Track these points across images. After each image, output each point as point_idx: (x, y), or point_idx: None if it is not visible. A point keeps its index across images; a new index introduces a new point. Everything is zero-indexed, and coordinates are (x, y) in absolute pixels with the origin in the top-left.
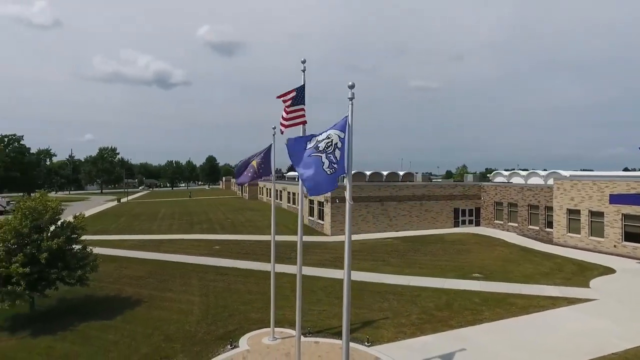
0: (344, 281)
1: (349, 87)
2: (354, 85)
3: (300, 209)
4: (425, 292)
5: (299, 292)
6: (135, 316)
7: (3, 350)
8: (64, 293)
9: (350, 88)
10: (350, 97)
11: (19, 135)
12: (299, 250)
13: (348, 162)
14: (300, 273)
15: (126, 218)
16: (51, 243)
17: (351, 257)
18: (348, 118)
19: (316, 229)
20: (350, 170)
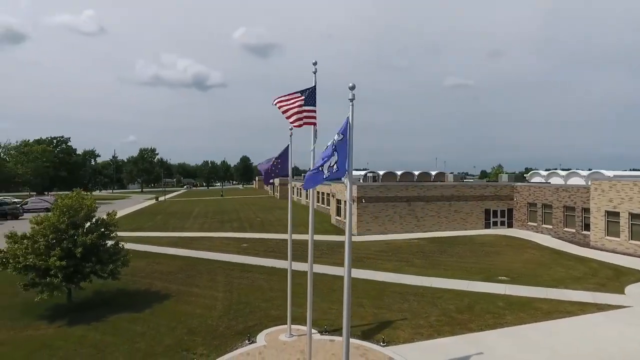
0: (344, 279)
1: (350, 89)
2: (354, 87)
3: (312, 207)
4: (447, 294)
5: (310, 289)
6: (162, 309)
7: (42, 338)
8: (99, 286)
9: (351, 89)
10: (351, 98)
11: (67, 137)
12: (310, 247)
13: (349, 162)
14: (311, 270)
15: (162, 216)
16: (85, 238)
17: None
18: (349, 119)
19: (343, 228)
20: (351, 171)
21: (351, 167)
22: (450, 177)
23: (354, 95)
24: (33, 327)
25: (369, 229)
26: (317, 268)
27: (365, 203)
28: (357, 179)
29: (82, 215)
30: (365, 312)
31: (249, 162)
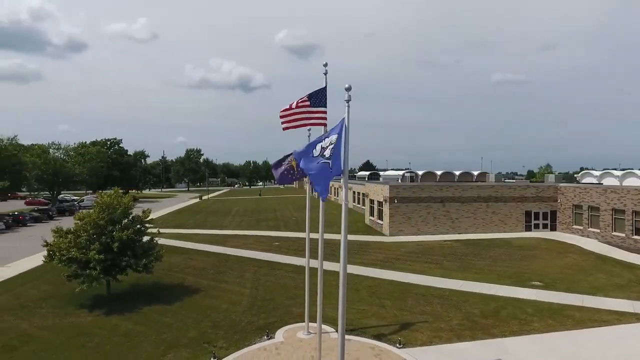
0: (339, 275)
1: (346, 90)
2: (350, 88)
3: (322, 208)
4: (473, 298)
5: (320, 287)
6: (191, 303)
7: (80, 326)
8: (136, 279)
9: (347, 90)
10: (347, 99)
11: (119, 139)
12: (320, 245)
13: (344, 163)
14: (321, 268)
15: (203, 214)
16: (121, 234)
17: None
18: (345, 120)
19: (376, 228)
20: (346, 171)
21: (347, 167)
22: (492, 177)
23: (350, 97)
24: (75, 315)
25: (401, 229)
26: None
27: (398, 203)
28: (396, 178)
29: (119, 212)
30: (386, 313)
31: None
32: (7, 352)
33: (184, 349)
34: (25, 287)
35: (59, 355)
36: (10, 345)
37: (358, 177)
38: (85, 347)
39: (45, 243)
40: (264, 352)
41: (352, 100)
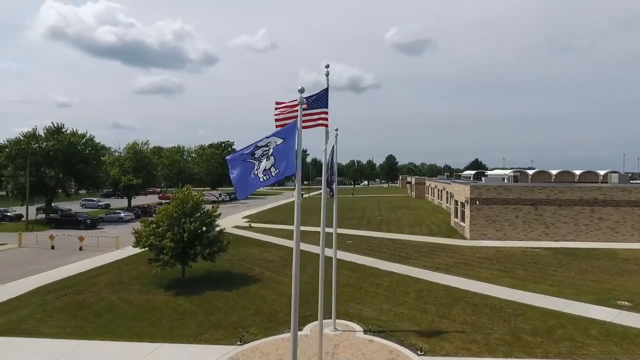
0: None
1: (299, 92)
2: (303, 90)
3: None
4: (531, 312)
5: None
6: (247, 291)
7: (152, 302)
8: (211, 267)
9: (300, 92)
10: (300, 100)
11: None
12: (321, 245)
13: (296, 165)
14: (322, 266)
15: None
16: (190, 226)
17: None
18: (297, 123)
19: (459, 231)
20: (299, 172)
21: (299, 170)
22: (615, 178)
23: (303, 99)
24: (152, 293)
25: (483, 233)
26: (404, 269)
27: (480, 205)
28: (500, 178)
29: (189, 207)
30: (424, 318)
31: (395, 161)
32: (93, 317)
33: (220, 331)
34: (128, 267)
35: (127, 323)
36: (98, 312)
37: (463, 177)
38: (147, 319)
39: (134, 231)
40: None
41: (468, 95)
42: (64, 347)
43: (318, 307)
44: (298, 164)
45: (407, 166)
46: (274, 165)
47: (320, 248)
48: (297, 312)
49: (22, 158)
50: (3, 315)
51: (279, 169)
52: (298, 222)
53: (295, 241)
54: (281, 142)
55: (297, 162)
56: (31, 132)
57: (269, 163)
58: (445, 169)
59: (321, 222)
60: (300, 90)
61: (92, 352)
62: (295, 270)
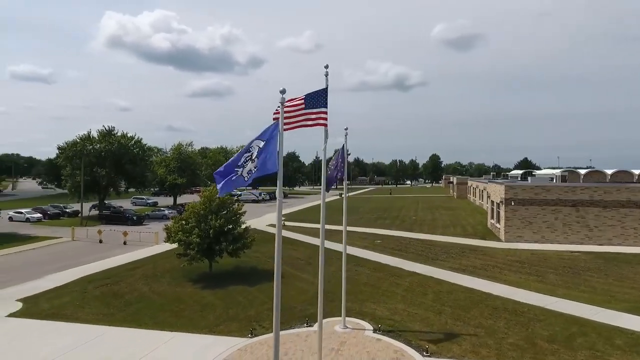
0: (274, 279)
1: (280, 92)
2: (284, 91)
3: (323, 206)
4: (553, 318)
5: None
6: (267, 287)
7: (179, 294)
8: (238, 263)
9: (282, 93)
10: (281, 101)
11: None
12: (320, 246)
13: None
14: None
15: (333, 210)
16: (216, 223)
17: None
18: (278, 124)
19: (494, 233)
20: (281, 171)
21: (280, 169)
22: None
23: (283, 99)
24: (181, 285)
25: (519, 235)
26: (429, 270)
27: (515, 206)
28: (548, 178)
29: (215, 204)
30: (438, 320)
31: (439, 161)
32: (124, 306)
33: (235, 323)
34: (163, 261)
35: (152, 313)
36: (129, 301)
37: (510, 177)
38: (171, 310)
39: (165, 227)
40: (295, 337)
41: (520, 91)
42: (92, 332)
43: (318, 307)
44: (280, 163)
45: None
46: (255, 165)
47: (320, 248)
48: (278, 311)
49: (78, 159)
50: (49, 301)
51: (258, 167)
52: (280, 218)
53: (277, 240)
54: (263, 143)
55: (279, 162)
56: (86, 134)
57: (252, 164)
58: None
59: (321, 220)
60: (281, 91)
61: (114, 337)
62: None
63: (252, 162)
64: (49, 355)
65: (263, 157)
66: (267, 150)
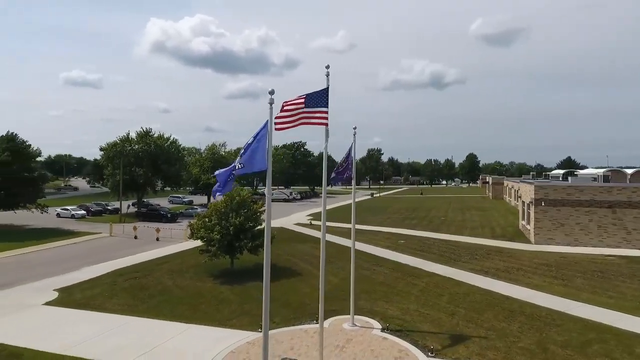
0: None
1: (269, 93)
2: (273, 92)
3: (324, 204)
4: (572, 323)
5: (322, 283)
6: (285, 284)
7: (199, 288)
8: (259, 260)
9: (271, 94)
10: (270, 102)
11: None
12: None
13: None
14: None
15: (361, 210)
16: (235, 220)
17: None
18: (268, 122)
19: (525, 234)
20: (270, 169)
21: (269, 166)
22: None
23: (272, 99)
24: (202, 280)
25: (550, 237)
26: (449, 271)
27: (546, 207)
28: (591, 178)
29: (235, 203)
30: (449, 321)
31: (476, 160)
32: (148, 298)
33: (247, 318)
34: (189, 257)
35: (172, 305)
36: (153, 294)
37: (551, 177)
38: (190, 303)
39: (189, 224)
40: (302, 333)
41: (564, 87)
42: (115, 321)
43: (319, 306)
44: (269, 161)
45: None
46: (239, 161)
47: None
48: (267, 309)
49: (118, 159)
50: (82, 292)
51: (243, 164)
52: (269, 217)
53: (267, 238)
54: (252, 140)
55: (268, 159)
56: (125, 136)
57: (238, 161)
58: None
59: (322, 219)
60: (270, 92)
61: (135, 327)
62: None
63: (240, 157)
64: (75, 341)
65: (250, 155)
66: (255, 148)
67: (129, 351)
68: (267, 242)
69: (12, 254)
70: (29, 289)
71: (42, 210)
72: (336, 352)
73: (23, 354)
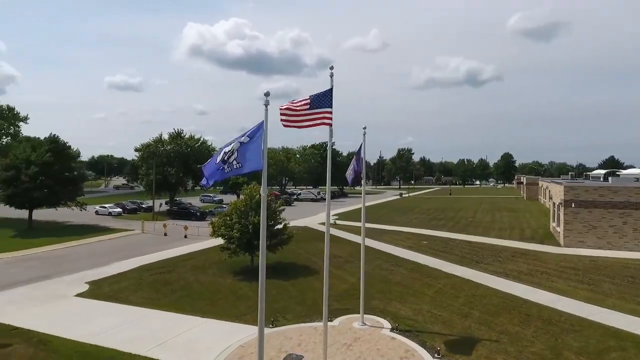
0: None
1: (265, 95)
2: (269, 93)
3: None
4: (591, 329)
5: (326, 282)
6: (302, 282)
7: (218, 284)
8: (280, 258)
9: (266, 95)
10: (266, 103)
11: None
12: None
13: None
14: (327, 268)
15: (387, 210)
16: (254, 219)
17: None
18: (263, 123)
19: (555, 237)
20: (265, 168)
21: (265, 166)
22: None
23: (268, 101)
24: (223, 277)
25: (581, 240)
26: (469, 273)
27: (576, 208)
28: (634, 179)
29: (254, 202)
30: (461, 323)
31: (511, 160)
32: (170, 292)
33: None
34: (213, 254)
35: (192, 300)
36: (175, 289)
37: (592, 177)
38: (209, 299)
39: (211, 221)
40: (312, 330)
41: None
42: (136, 314)
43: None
44: (264, 160)
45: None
46: (236, 159)
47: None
48: (263, 306)
49: (151, 159)
50: (110, 285)
51: (241, 163)
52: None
53: (262, 238)
54: (248, 140)
55: (264, 159)
56: (158, 137)
57: (232, 157)
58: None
59: (326, 216)
60: (265, 94)
61: (154, 319)
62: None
63: (233, 156)
64: (98, 331)
65: (246, 155)
66: (252, 149)
67: (144, 342)
68: (263, 241)
69: (52, 248)
70: (63, 281)
71: (81, 207)
72: (342, 349)
73: (51, 340)
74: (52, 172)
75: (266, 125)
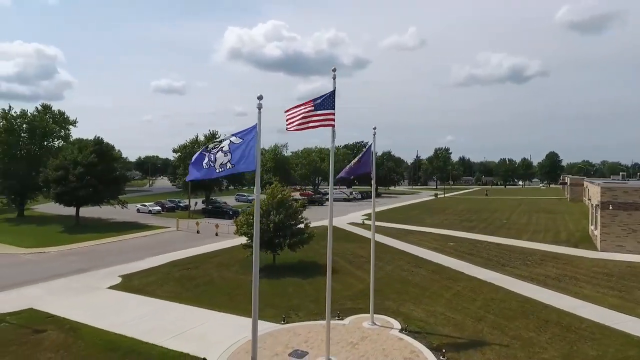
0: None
1: (258, 98)
2: (262, 97)
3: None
4: (611, 338)
5: (329, 283)
6: (319, 281)
7: (239, 280)
8: (302, 257)
9: (259, 99)
10: (259, 107)
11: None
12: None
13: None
14: (329, 269)
15: (419, 211)
16: (275, 218)
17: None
18: (257, 126)
19: (592, 240)
20: (258, 169)
21: (258, 167)
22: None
23: (261, 104)
24: (244, 273)
25: (619, 245)
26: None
27: (614, 210)
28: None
29: (276, 201)
30: (473, 326)
31: (557, 159)
32: (193, 287)
33: (274, 310)
34: (238, 252)
35: (211, 294)
36: (198, 284)
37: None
38: (228, 294)
39: (234, 220)
40: (320, 328)
41: None
42: (161, 306)
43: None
44: (257, 161)
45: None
46: (230, 161)
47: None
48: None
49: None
50: (140, 279)
51: (233, 164)
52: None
53: (255, 236)
54: (240, 141)
55: (257, 160)
56: (194, 138)
57: (225, 158)
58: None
59: (329, 216)
60: (258, 97)
61: (175, 311)
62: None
63: (224, 155)
64: (123, 321)
65: (239, 156)
66: (244, 150)
67: (161, 332)
68: (256, 240)
69: (92, 243)
70: (99, 274)
71: (123, 205)
72: (347, 348)
73: (81, 328)
74: (96, 172)
75: (259, 127)
